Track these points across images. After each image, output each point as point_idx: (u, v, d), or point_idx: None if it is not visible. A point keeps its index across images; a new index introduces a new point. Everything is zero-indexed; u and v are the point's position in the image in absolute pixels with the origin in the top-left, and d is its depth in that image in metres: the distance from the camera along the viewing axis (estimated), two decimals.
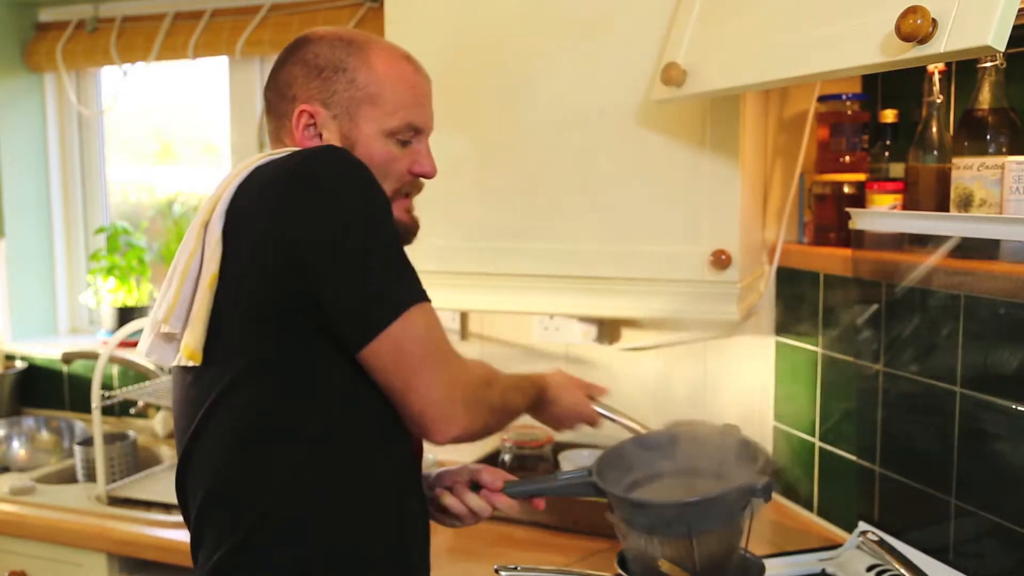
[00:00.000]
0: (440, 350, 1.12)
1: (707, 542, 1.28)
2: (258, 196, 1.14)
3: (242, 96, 2.78)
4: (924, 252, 1.56)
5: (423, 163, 1.29)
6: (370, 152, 1.23)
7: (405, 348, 1.09)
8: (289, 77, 1.28)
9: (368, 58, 1.25)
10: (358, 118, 1.24)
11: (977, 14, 1.01)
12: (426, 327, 1.11)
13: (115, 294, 2.93)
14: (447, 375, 1.12)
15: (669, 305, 1.82)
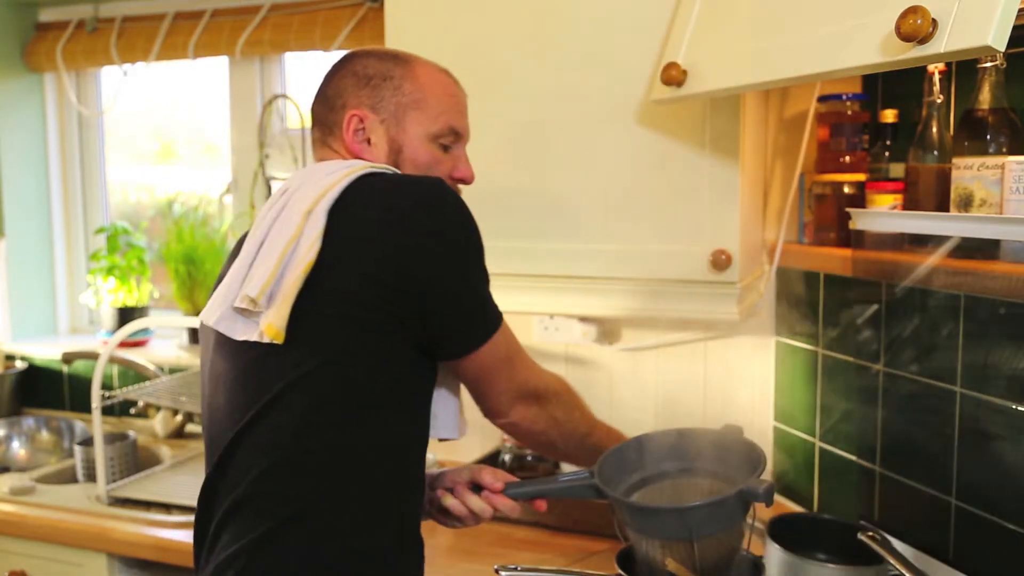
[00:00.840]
0: (518, 360, 1.33)
1: (708, 545, 1.28)
2: (375, 209, 1.20)
3: (242, 96, 2.79)
4: (924, 252, 1.56)
5: (462, 169, 1.39)
6: (416, 154, 1.34)
7: (488, 363, 1.28)
8: (338, 88, 1.35)
9: (412, 69, 1.35)
10: (405, 122, 1.33)
11: (977, 14, 1.01)
12: (507, 341, 1.30)
13: (115, 294, 2.93)
14: (515, 379, 1.32)
15: (669, 305, 1.82)
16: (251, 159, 2.76)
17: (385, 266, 1.17)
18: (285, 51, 2.62)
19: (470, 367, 1.28)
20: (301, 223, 1.20)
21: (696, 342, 2.17)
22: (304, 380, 1.17)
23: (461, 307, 1.23)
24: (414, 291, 1.18)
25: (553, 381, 1.38)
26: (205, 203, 3.02)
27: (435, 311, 1.20)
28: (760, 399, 2.13)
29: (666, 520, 1.28)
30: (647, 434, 1.43)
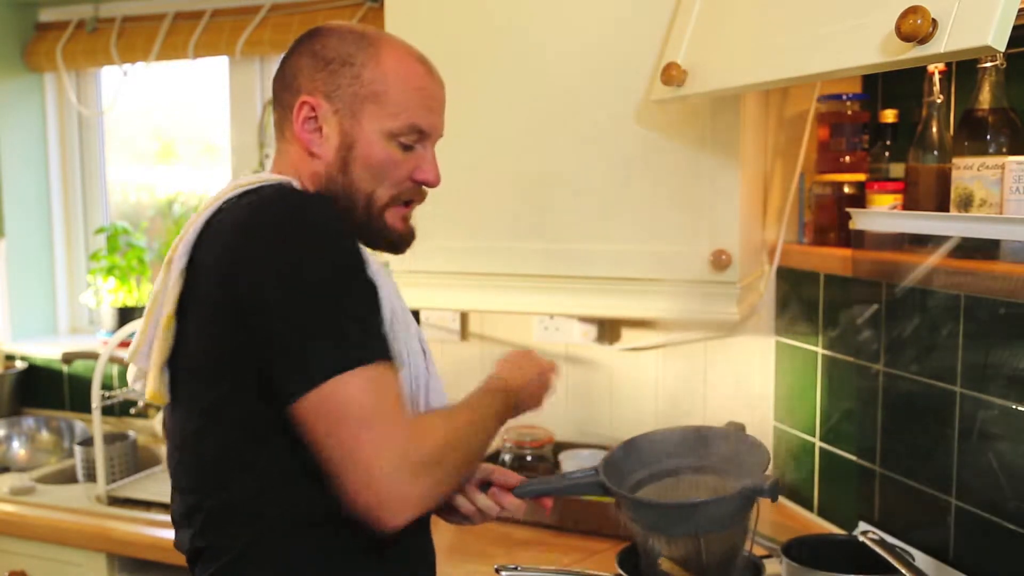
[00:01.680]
0: (382, 418, 1.04)
1: (713, 542, 1.29)
2: (212, 242, 1.13)
3: (242, 96, 2.78)
4: (924, 252, 1.56)
5: (426, 170, 1.25)
6: (369, 152, 1.21)
7: (334, 413, 1.03)
8: (295, 68, 1.24)
9: (378, 54, 1.21)
10: (360, 115, 1.20)
11: (977, 14, 1.01)
12: (365, 390, 1.04)
13: (115, 294, 2.93)
14: (391, 448, 1.04)
15: (669, 305, 1.82)
16: (251, 159, 2.76)
17: (216, 299, 1.10)
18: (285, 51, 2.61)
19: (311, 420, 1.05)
20: (164, 275, 1.17)
21: (696, 342, 2.17)
22: (190, 440, 1.18)
23: (286, 333, 1.05)
24: (241, 320, 1.07)
25: (442, 431, 1.11)
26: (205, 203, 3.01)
27: (262, 337, 1.07)
28: (760, 399, 2.13)
29: (672, 516, 1.28)
30: (652, 431, 1.43)
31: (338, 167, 1.21)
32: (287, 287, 1.06)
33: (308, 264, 1.07)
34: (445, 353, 2.39)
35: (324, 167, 1.22)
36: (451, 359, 2.38)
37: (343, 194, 1.21)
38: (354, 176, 1.21)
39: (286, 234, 1.08)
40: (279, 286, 1.06)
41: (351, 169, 1.21)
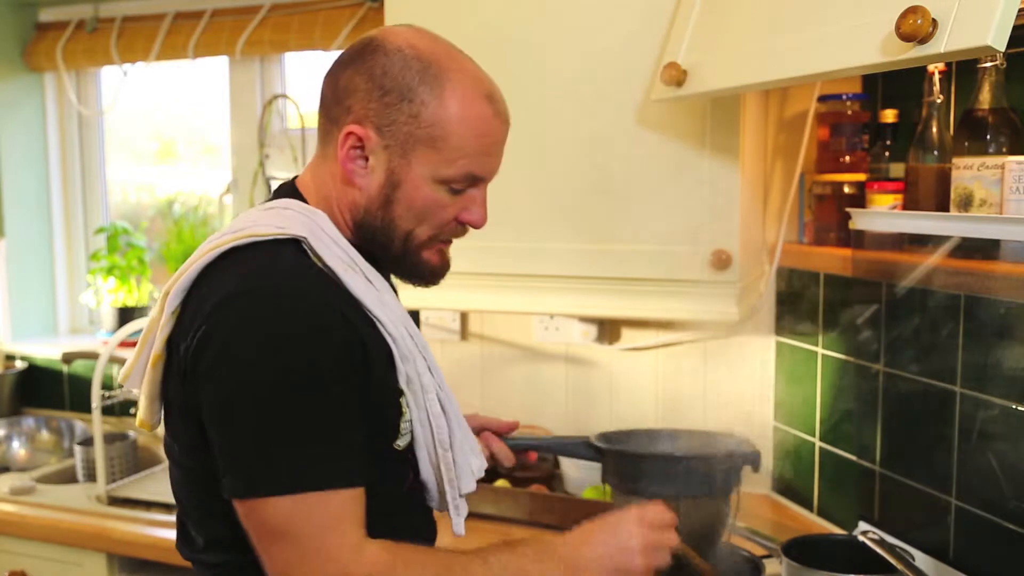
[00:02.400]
0: (299, 543, 1.01)
1: (692, 512, 1.29)
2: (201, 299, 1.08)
3: (242, 96, 2.78)
4: (924, 252, 1.56)
5: (473, 212, 1.18)
6: (413, 196, 1.13)
7: (258, 528, 1.03)
8: (351, 84, 1.13)
9: (442, 92, 1.10)
10: (412, 156, 1.12)
11: (977, 14, 1.01)
12: (289, 516, 1.00)
13: (115, 294, 2.93)
14: (307, 570, 1.01)
15: (669, 305, 1.82)
16: (251, 159, 2.76)
17: (184, 364, 1.07)
18: (285, 51, 2.62)
19: (245, 521, 1.04)
20: (159, 309, 1.13)
21: (696, 342, 2.17)
22: (176, 465, 1.18)
23: (232, 440, 1.03)
24: (197, 400, 1.06)
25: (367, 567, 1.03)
26: (205, 203, 3.02)
27: (212, 432, 1.05)
28: (760, 399, 2.13)
29: (655, 470, 1.30)
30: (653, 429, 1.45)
31: (379, 203, 1.14)
32: (239, 391, 1.02)
33: (264, 372, 1.01)
34: (445, 353, 2.39)
35: (364, 199, 1.15)
36: (451, 359, 2.38)
37: (380, 229, 1.16)
38: (395, 215, 1.15)
39: (254, 346, 1.02)
40: (232, 388, 1.02)
41: (393, 208, 1.14)
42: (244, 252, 1.08)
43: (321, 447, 1.03)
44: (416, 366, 1.15)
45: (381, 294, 1.15)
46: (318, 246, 1.10)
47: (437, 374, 1.21)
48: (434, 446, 1.17)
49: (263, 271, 1.06)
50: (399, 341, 1.13)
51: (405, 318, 1.18)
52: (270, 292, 1.05)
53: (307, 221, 1.13)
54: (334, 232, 1.14)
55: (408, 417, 1.15)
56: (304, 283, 1.07)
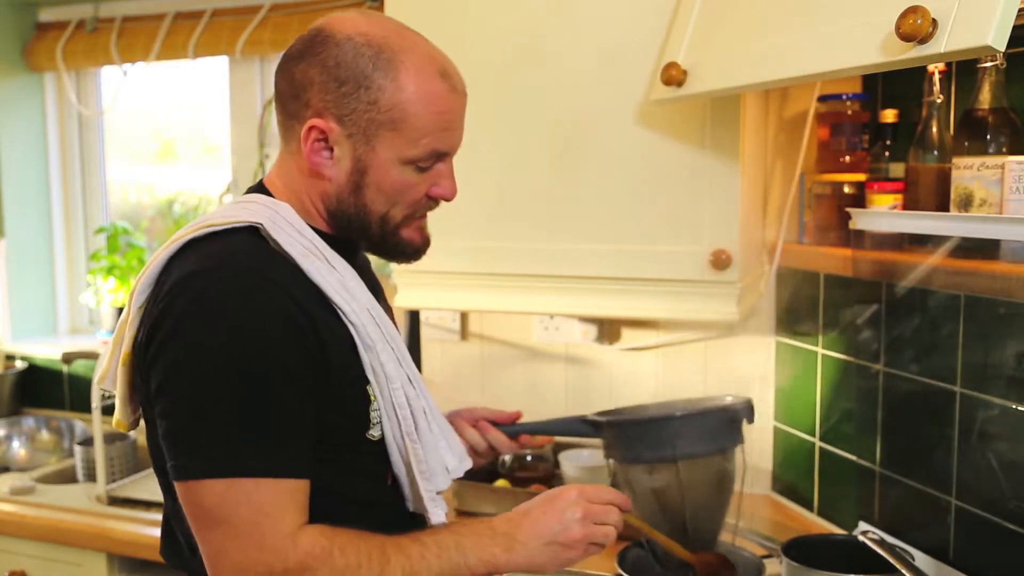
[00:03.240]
0: (234, 531, 1.01)
1: (694, 472, 1.29)
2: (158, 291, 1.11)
3: (242, 96, 2.78)
4: (924, 252, 1.56)
5: (443, 186, 1.20)
6: (383, 179, 1.15)
7: (193, 511, 1.04)
8: (305, 78, 1.14)
9: (397, 75, 1.11)
10: (375, 142, 1.13)
11: (977, 14, 1.01)
12: (221, 502, 1.01)
13: (115, 294, 2.93)
14: (233, 560, 1.02)
15: (669, 305, 1.82)
16: (251, 159, 2.76)
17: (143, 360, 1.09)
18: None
19: (183, 504, 1.06)
20: (127, 308, 1.15)
21: (696, 342, 2.17)
22: (158, 472, 1.18)
23: (173, 423, 1.05)
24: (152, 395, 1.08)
25: (301, 552, 1.03)
26: (205, 203, 3.02)
27: (157, 417, 1.07)
28: (760, 399, 2.12)
29: (650, 434, 1.31)
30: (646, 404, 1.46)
31: (349, 190, 1.16)
32: (183, 370, 1.03)
33: (210, 353, 1.03)
34: (445, 353, 2.39)
35: (335, 189, 1.16)
36: (451, 359, 2.38)
37: (355, 215, 1.17)
38: (367, 199, 1.16)
39: (204, 324, 1.04)
40: (177, 367, 1.04)
41: (364, 193, 1.16)
42: (202, 242, 1.11)
43: (262, 434, 1.03)
44: (379, 356, 1.15)
45: (344, 280, 1.15)
46: (276, 233, 1.11)
47: (408, 367, 1.20)
48: (402, 437, 1.16)
49: (217, 255, 1.08)
50: (360, 329, 1.13)
51: (372, 305, 1.17)
52: (222, 274, 1.06)
53: (269, 212, 1.14)
54: (297, 221, 1.15)
55: (376, 405, 1.15)
56: (257, 265, 1.08)
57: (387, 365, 1.15)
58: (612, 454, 1.39)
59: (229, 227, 1.11)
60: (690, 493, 1.30)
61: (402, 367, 1.19)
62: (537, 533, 1.13)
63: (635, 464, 1.34)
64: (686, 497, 1.30)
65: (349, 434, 1.15)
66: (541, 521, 1.14)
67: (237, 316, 1.04)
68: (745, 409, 1.30)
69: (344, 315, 1.12)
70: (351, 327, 1.13)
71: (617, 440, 1.36)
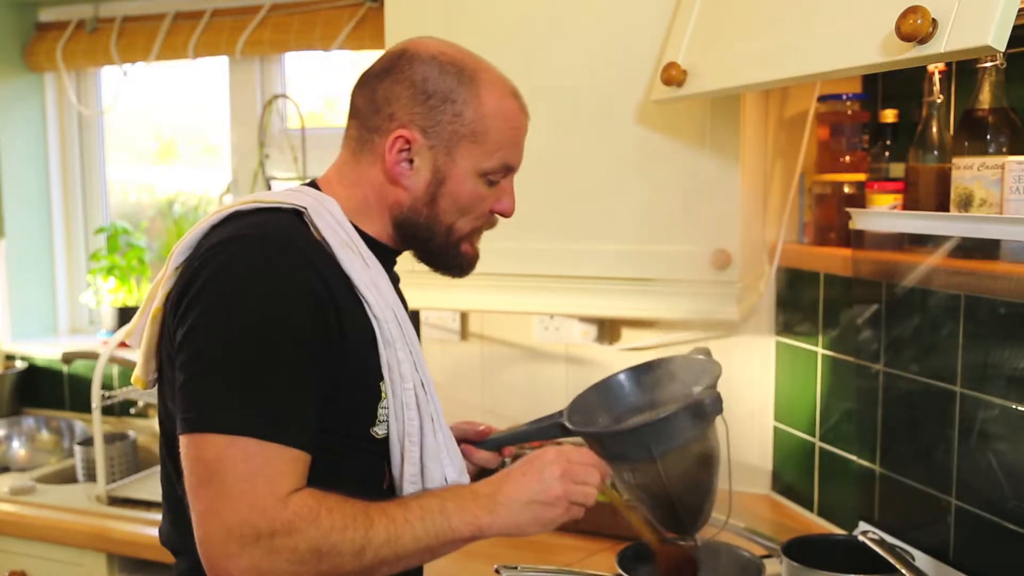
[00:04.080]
0: (227, 488, 1.02)
1: (673, 465, 1.30)
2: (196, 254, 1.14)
3: (242, 96, 2.78)
4: (924, 252, 1.56)
5: (505, 202, 1.27)
6: (459, 190, 1.21)
7: (192, 465, 1.05)
8: (390, 94, 1.20)
9: (478, 92, 1.20)
10: (456, 153, 1.20)
11: (977, 14, 1.01)
12: (221, 457, 1.02)
13: (115, 294, 2.93)
14: (222, 518, 1.02)
15: (669, 305, 1.82)
16: (251, 159, 2.76)
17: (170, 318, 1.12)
18: (285, 51, 2.62)
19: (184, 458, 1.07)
20: (167, 266, 1.17)
21: (696, 342, 2.17)
22: (163, 425, 1.20)
23: (188, 377, 1.07)
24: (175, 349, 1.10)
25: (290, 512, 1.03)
26: (205, 203, 3.02)
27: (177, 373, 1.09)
28: (760, 399, 2.13)
29: (624, 442, 1.31)
30: (610, 376, 1.46)
31: (425, 200, 1.21)
32: (210, 332, 1.06)
33: (235, 313, 1.06)
34: (445, 353, 2.39)
35: (410, 199, 1.21)
36: (451, 359, 2.38)
37: (424, 224, 1.22)
38: (440, 209, 1.22)
39: (235, 284, 1.07)
40: (198, 328, 1.06)
41: (438, 203, 1.21)
42: (247, 215, 1.15)
43: (272, 397, 1.05)
44: (397, 354, 1.17)
45: (375, 278, 1.18)
46: (317, 220, 1.15)
47: (423, 373, 1.22)
48: (403, 438, 1.18)
49: (259, 225, 1.12)
50: (383, 324, 1.16)
51: (397, 306, 1.20)
52: (256, 241, 1.10)
53: (314, 202, 1.18)
54: (340, 215, 1.19)
55: (386, 404, 1.17)
56: (291, 240, 1.12)
57: (403, 364, 1.18)
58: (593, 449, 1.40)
59: (275, 206, 1.15)
60: (674, 479, 1.31)
61: (417, 371, 1.21)
62: (517, 494, 1.15)
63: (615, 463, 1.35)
64: (671, 484, 1.31)
65: (354, 426, 1.16)
66: (521, 481, 1.16)
67: (262, 281, 1.07)
68: (713, 403, 1.29)
69: (369, 307, 1.15)
70: (374, 321, 1.16)
71: (593, 444, 1.36)
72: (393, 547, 1.08)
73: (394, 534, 1.08)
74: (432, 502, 1.13)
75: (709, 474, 1.37)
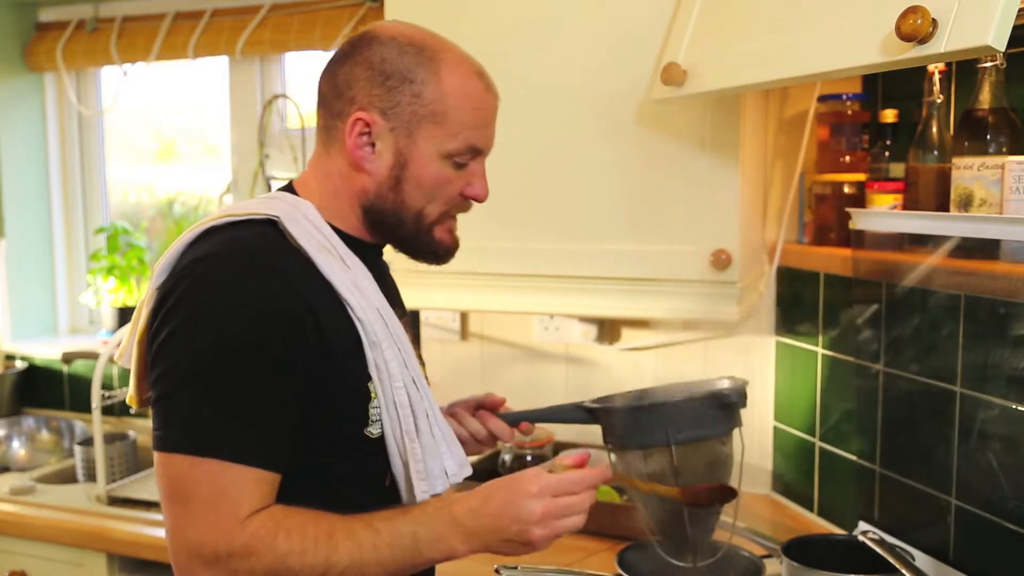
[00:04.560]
0: (192, 507, 1.03)
1: (691, 455, 1.30)
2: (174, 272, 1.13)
3: (242, 96, 2.78)
4: (924, 252, 1.56)
5: (476, 186, 1.23)
6: (422, 173, 1.18)
7: (160, 481, 1.06)
8: (350, 77, 1.18)
9: (438, 71, 1.16)
10: (417, 135, 1.17)
11: (977, 14, 1.01)
12: (188, 477, 1.03)
13: (115, 294, 2.93)
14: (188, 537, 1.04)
15: (669, 305, 1.82)
16: (251, 159, 2.76)
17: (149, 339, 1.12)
18: (285, 51, 2.62)
19: (156, 474, 1.08)
20: (149, 284, 1.17)
21: (696, 342, 2.17)
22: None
23: (161, 394, 1.07)
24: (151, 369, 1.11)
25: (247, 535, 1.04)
26: (205, 203, 3.02)
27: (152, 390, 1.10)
28: (760, 399, 2.13)
29: (642, 420, 1.31)
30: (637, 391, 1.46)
31: (389, 185, 1.19)
32: (180, 351, 1.06)
33: (206, 331, 1.06)
34: (445, 353, 2.39)
35: (374, 184, 1.19)
36: (451, 359, 2.38)
37: (391, 211, 1.20)
38: (405, 194, 1.19)
39: (206, 303, 1.07)
40: (169, 346, 1.07)
41: (403, 187, 1.19)
42: (222, 230, 1.14)
43: (238, 417, 1.05)
44: (384, 353, 1.16)
45: (356, 279, 1.17)
46: (292, 227, 1.14)
47: (413, 370, 1.21)
48: (401, 436, 1.17)
49: (228, 241, 1.12)
50: (367, 326, 1.15)
51: (382, 305, 1.19)
52: (227, 258, 1.09)
53: (289, 208, 1.16)
54: (316, 218, 1.18)
55: (376, 404, 1.16)
56: (263, 254, 1.11)
57: (391, 363, 1.17)
58: (608, 439, 1.40)
59: (247, 218, 1.14)
60: (686, 477, 1.30)
61: (407, 368, 1.20)
62: (496, 529, 1.12)
63: (630, 450, 1.35)
64: (682, 481, 1.31)
65: (347, 429, 1.16)
66: (500, 519, 1.12)
67: (232, 299, 1.06)
68: (736, 392, 1.30)
69: (352, 310, 1.14)
70: (358, 323, 1.15)
71: (612, 426, 1.36)
72: (357, 572, 1.08)
73: (359, 560, 1.07)
74: (404, 528, 1.10)
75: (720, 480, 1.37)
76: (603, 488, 1.97)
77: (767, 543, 1.62)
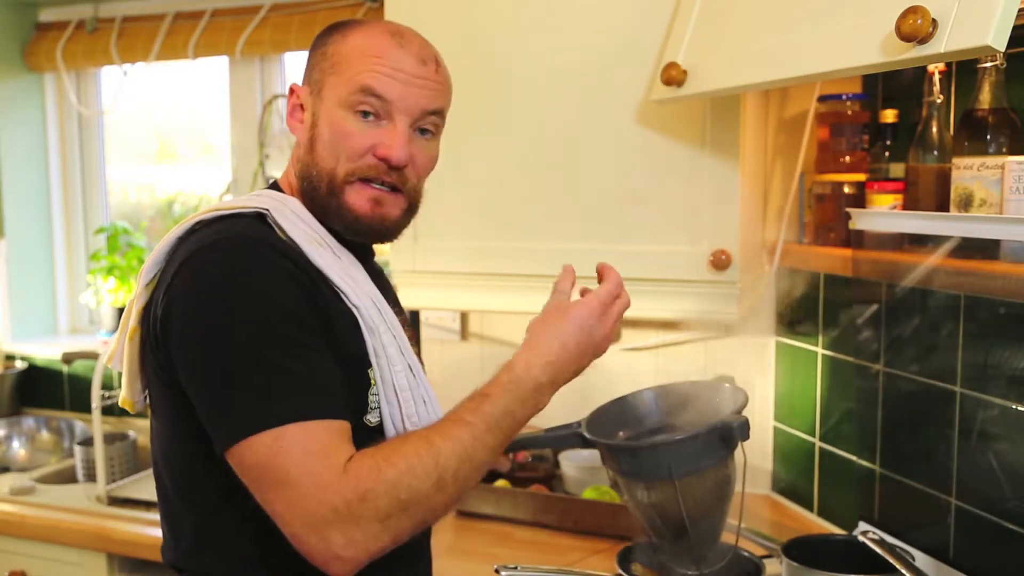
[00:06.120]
0: (288, 480, 1.00)
1: (691, 490, 1.29)
2: (168, 269, 1.13)
3: (242, 96, 2.78)
4: (924, 252, 1.56)
5: (388, 145, 1.15)
6: (327, 129, 1.17)
7: (250, 473, 1.03)
8: None
9: (348, 33, 1.19)
10: (324, 91, 1.18)
11: (977, 14, 1.01)
12: (269, 454, 1.00)
13: (115, 294, 2.93)
14: (298, 509, 1.00)
15: (669, 305, 1.82)
16: (251, 159, 2.76)
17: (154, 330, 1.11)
18: (285, 51, 2.62)
19: (240, 472, 1.05)
20: (138, 282, 1.17)
21: (696, 342, 2.17)
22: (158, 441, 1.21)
23: (207, 393, 1.06)
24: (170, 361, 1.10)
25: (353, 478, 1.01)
26: (205, 203, 3.02)
27: (191, 392, 1.08)
28: (760, 399, 2.13)
29: (644, 458, 1.30)
30: (633, 392, 1.45)
31: (307, 148, 1.19)
32: (210, 341, 1.05)
33: (225, 315, 1.05)
34: (445, 353, 2.39)
35: (303, 152, 1.20)
36: (451, 359, 2.38)
37: (311, 177, 1.18)
38: (317, 155, 1.17)
39: (219, 286, 1.06)
40: (202, 339, 1.05)
41: (316, 148, 1.17)
42: (210, 224, 1.14)
43: (293, 379, 1.03)
44: (382, 338, 1.16)
45: (348, 268, 1.17)
46: (282, 220, 1.15)
47: (409, 356, 1.21)
48: (402, 421, 1.17)
49: (224, 232, 1.11)
50: (364, 312, 1.15)
51: (375, 294, 1.19)
52: (228, 245, 1.09)
53: (276, 203, 1.17)
54: (304, 213, 1.18)
55: (376, 390, 1.16)
56: (261, 237, 1.11)
57: (389, 348, 1.17)
58: (609, 466, 1.39)
59: (236, 212, 1.15)
60: (689, 503, 1.29)
61: (404, 355, 1.20)
62: (577, 368, 1.23)
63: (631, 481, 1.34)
64: (686, 507, 1.30)
65: None
66: (580, 358, 1.24)
67: (245, 275, 1.06)
68: (740, 427, 1.28)
69: (347, 297, 1.15)
70: (354, 309, 1.15)
71: (611, 460, 1.35)
72: (468, 466, 1.07)
73: (467, 454, 1.07)
74: (495, 410, 1.10)
75: (723, 499, 1.36)
76: (603, 488, 1.97)
77: (767, 543, 1.62)
